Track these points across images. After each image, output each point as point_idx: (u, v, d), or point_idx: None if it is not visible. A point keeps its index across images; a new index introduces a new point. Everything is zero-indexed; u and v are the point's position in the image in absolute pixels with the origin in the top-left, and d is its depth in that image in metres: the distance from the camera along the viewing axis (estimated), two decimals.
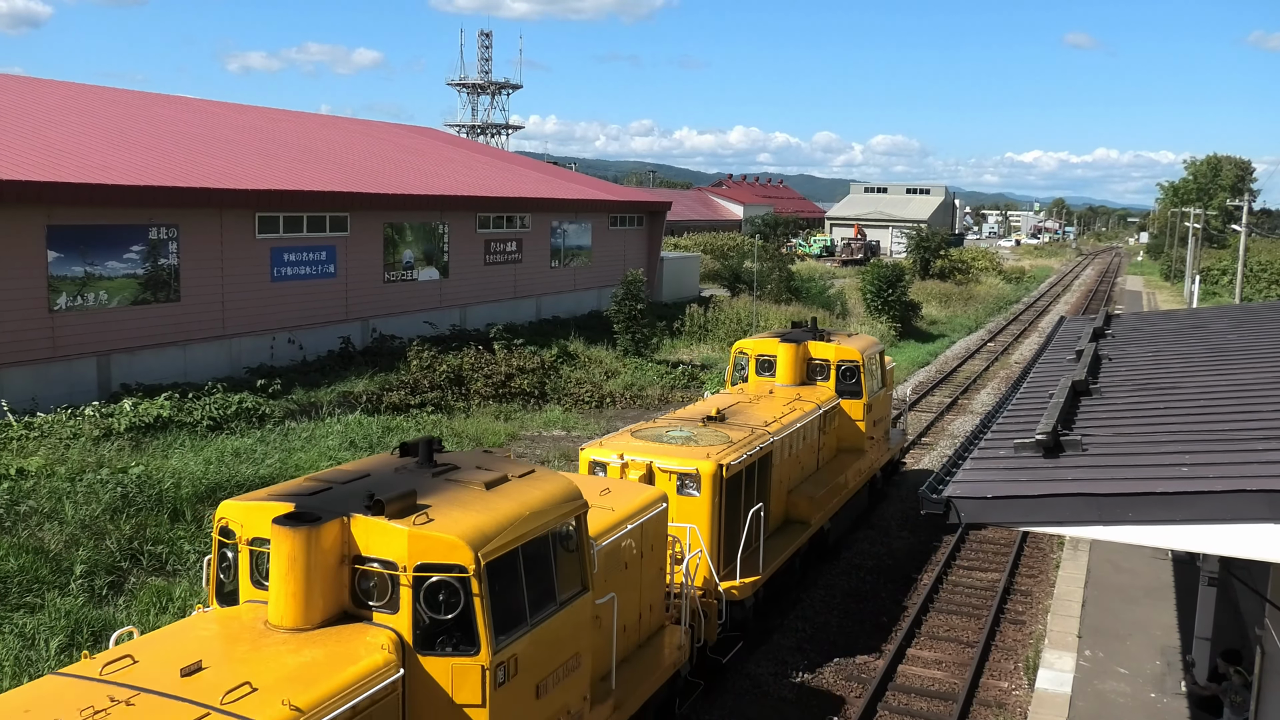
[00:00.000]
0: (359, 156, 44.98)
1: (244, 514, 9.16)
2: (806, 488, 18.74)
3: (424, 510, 8.94)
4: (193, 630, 8.87)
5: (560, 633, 9.85)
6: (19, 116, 33.49)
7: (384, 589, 8.79)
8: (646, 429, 16.42)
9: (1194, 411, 10.25)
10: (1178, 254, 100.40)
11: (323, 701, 7.68)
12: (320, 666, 8.08)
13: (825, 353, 21.43)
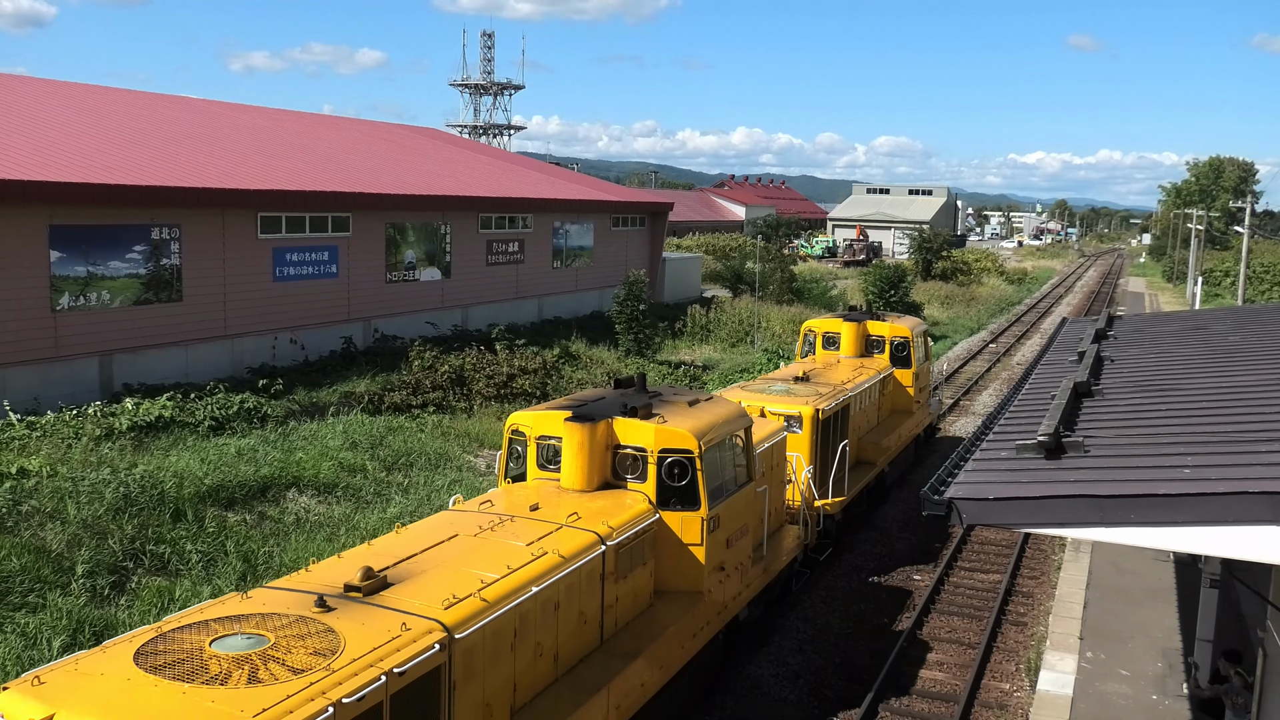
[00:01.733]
0: (361, 157, 45.01)
1: (533, 420, 13.53)
2: (872, 436, 22.64)
3: (659, 415, 13.40)
4: (514, 491, 13.16)
5: (739, 506, 14.32)
6: (22, 116, 33.52)
7: (636, 466, 13.14)
8: (752, 385, 20.67)
9: (1196, 413, 10.24)
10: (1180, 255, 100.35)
11: (623, 525, 12.09)
12: (611, 508, 12.43)
13: (881, 330, 26.05)
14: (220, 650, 7.98)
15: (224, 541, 18.10)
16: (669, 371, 36.87)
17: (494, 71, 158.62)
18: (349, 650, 8.07)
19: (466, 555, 10.46)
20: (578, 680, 10.83)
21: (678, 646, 12.58)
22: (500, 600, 9.67)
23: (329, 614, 8.66)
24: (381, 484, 22.22)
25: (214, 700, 7.34)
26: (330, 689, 7.57)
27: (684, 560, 13.15)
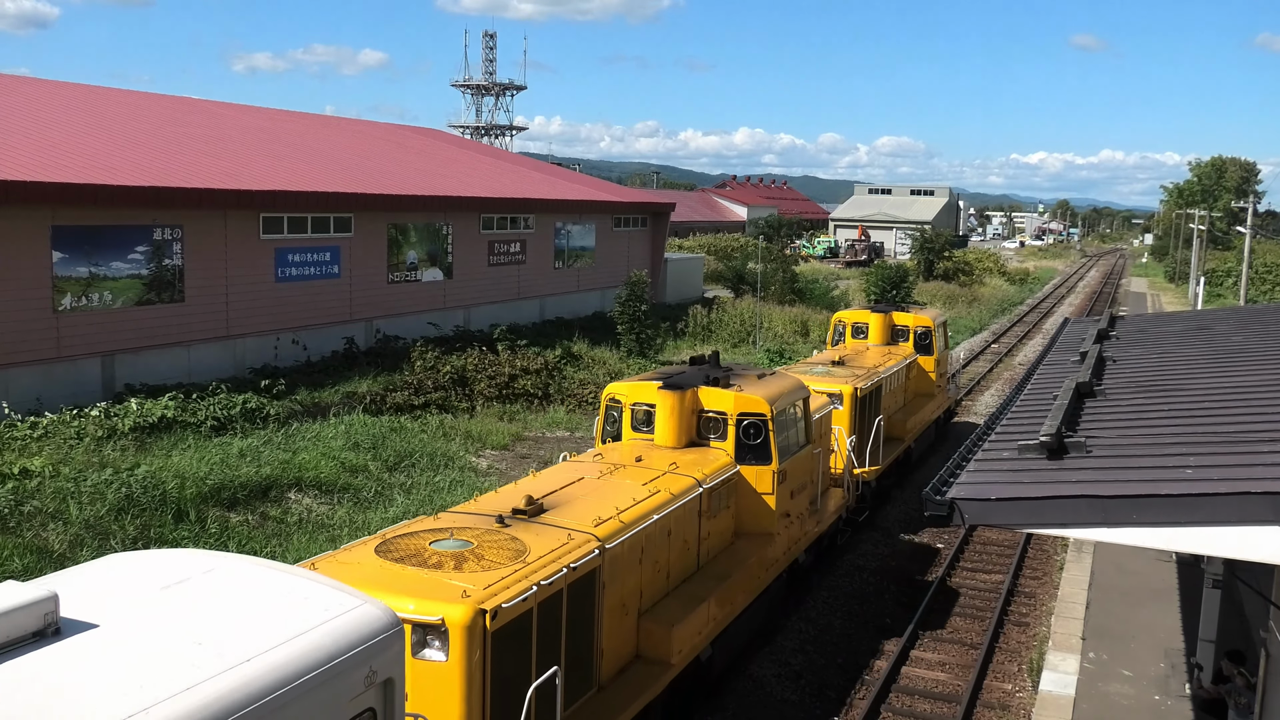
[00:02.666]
0: (363, 157, 45.03)
1: (628, 390, 15.88)
2: (899, 415, 25.11)
3: (736, 385, 15.88)
4: (617, 448, 15.39)
5: (800, 464, 16.87)
6: (24, 117, 33.55)
7: (718, 427, 15.54)
8: (794, 368, 23.09)
9: (1198, 414, 10.24)
10: (1182, 256, 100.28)
11: (712, 474, 14.56)
12: (700, 461, 14.82)
13: (906, 320, 28.57)
14: (439, 549, 10.46)
15: (226, 542, 18.11)
16: None
17: (496, 72, 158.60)
18: (533, 552, 10.58)
19: (597, 492, 12.97)
20: (684, 594, 13.50)
21: (757, 574, 15.30)
22: (632, 524, 12.20)
23: (508, 528, 11.16)
24: (383, 484, 22.23)
25: (451, 579, 9.78)
26: (530, 575, 10.04)
27: (758, 507, 15.83)
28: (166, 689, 5.61)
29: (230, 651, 6.09)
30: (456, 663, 9.22)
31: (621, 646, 12.20)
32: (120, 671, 5.76)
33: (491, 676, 9.48)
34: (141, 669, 5.80)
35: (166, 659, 5.94)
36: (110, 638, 6.11)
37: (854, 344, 27.74)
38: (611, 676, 11.91)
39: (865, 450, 21.48)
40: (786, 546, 16.38)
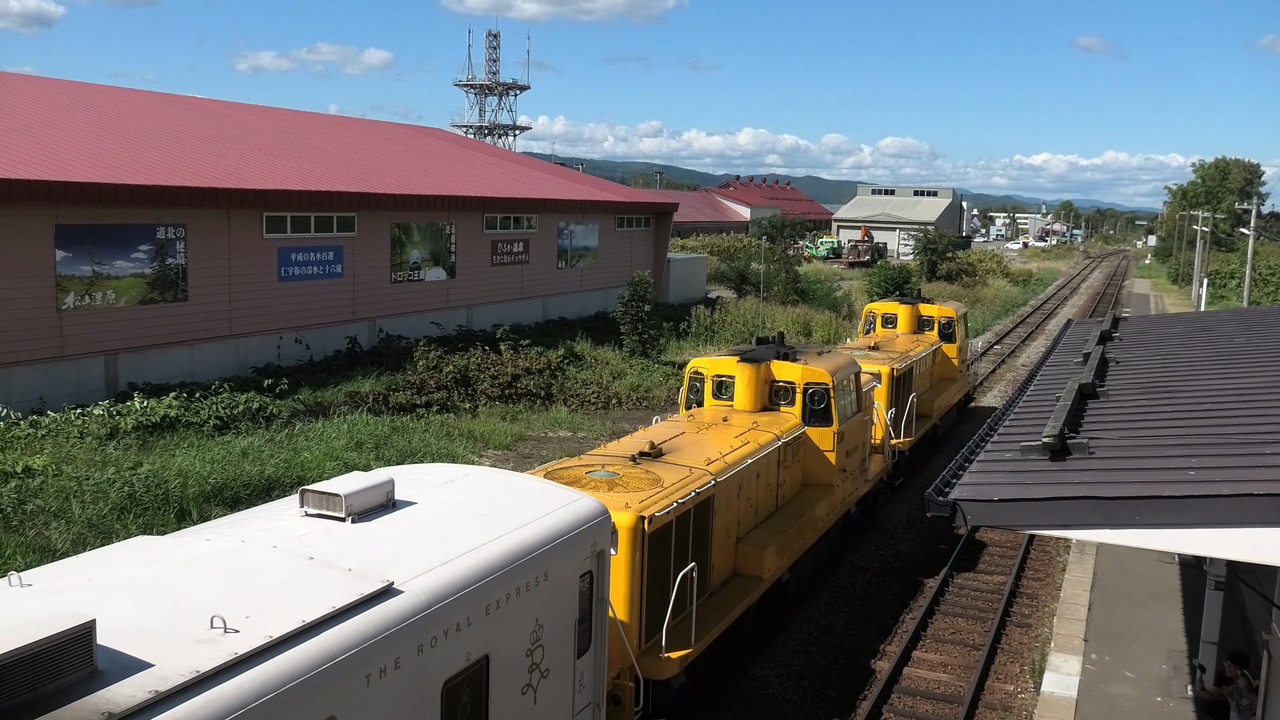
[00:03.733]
0: (366, 157, 45.05)
1: (709, 364, 18.50)
2: (927, 395, 27.74)
3: (802, 359, 18.72)
4: (703, 412, 18.09)
5: (854, 428, 19.67)
6: (28, 116, 33.59)
7: (787, 395, 18.42)
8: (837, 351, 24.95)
9: (1201, 415, 10.23)
10: (1185, 257, 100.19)
11: (786, 432, 17.42)
12: (775, 421, 17.65)
13: (931, 311, 31.42)
14: (594, 477, 13.13)
15: None
16: (673, 372, 36.86)
17: (499, 72, 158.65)
18: (665, 481, 13.47)
19: (699, 442, 15.80)
20: (769, 527, 16.56)
21: (822, 516, 18.25)
22: (734, 464, 15.14)
23: (640, 465, 14.00)
24: None
25: (612, 496, 12.37)
26: (667, 496, 12.98)
27: (821, 462, 18.78)
28: (476, 541, 8.97)
29: (508, 520, 9.54)
30: (624, 555, 12.04)
31: (724, 564, 15.24)
32: (442, 529, 9.09)
33: (647, 568, 12.45)
34: (455, 528, 9.18)
35: (468, 523, 9.33)
36: (426, 510, 9.44)
37: (884, 333, 30.36)
38: (717, 587, 14.85)
39: (900, 423, 24.30)
40: (843, 497, 19.53)
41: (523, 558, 9.14)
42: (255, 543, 8.24)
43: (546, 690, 9.66)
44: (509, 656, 9.04)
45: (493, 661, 8.76)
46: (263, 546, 8.16)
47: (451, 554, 8.59)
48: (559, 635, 9.78)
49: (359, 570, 7.93)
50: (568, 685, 10.07)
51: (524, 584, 9.13)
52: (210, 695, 6.04)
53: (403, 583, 7.91)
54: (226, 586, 7.32)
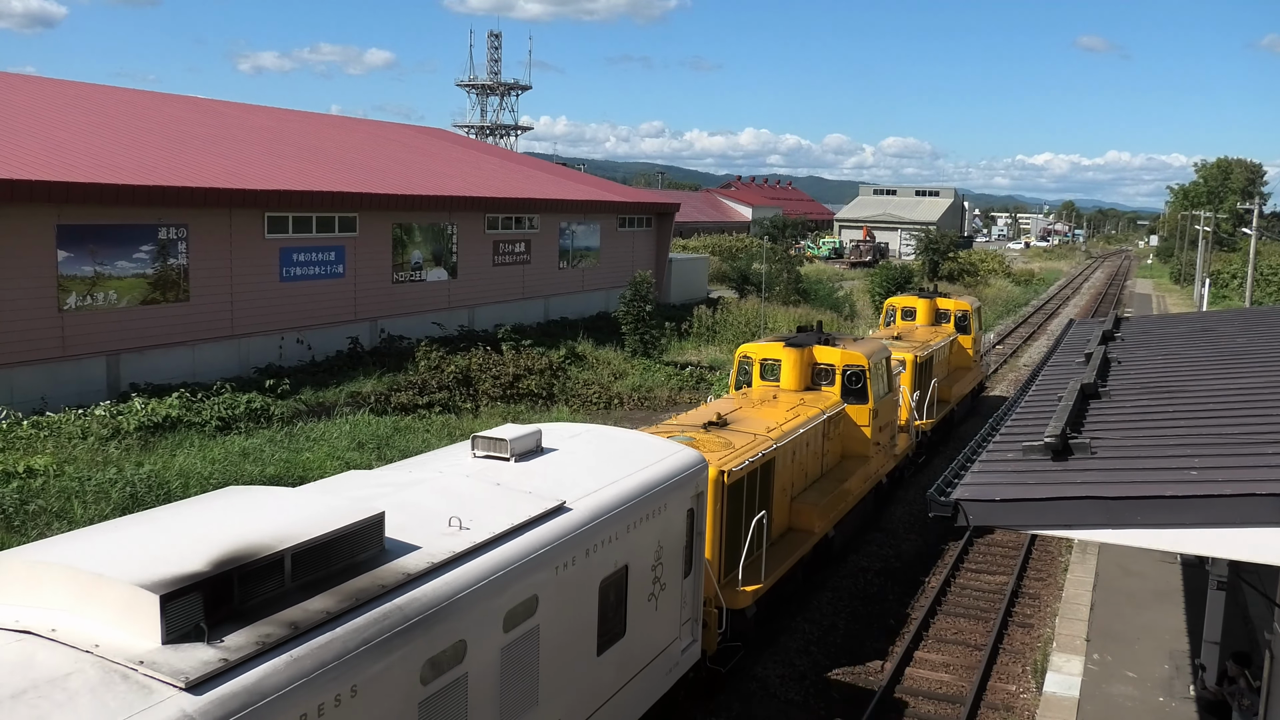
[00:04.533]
0: (368, 157, 45.07)
1: (757, 349, 20.71)
2: (945, 382, 29.66)
3: (840, 344, 20.96)
4: (753, 391, 20.15)
5: (886, 406, 21.96)
6: (30, 116, 33.61)
7: (828, 376, 20.51)
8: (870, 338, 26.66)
9: (1203, 415, 10.22)
10: (1187, 257, 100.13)
11: (829, 407, 19.46)
12: (817, 399, 19.79)
13: (947, 305, 33.51)
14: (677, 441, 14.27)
15: None
16: (675, 372, 36.85)
17: (501, 72, 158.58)
18: (735, 444, 15.74)
19: (757, 414, 18.08)
20: (817, 489, 18.87)
21: (860, 483, 20.54)
22: (789, 432, 17.38)
23: (710, 432, 16.17)
24: None
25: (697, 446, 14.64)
26: (739, 455, 15.30)
27: (858, 435, 21.05)
28: (613, 477, 11.32)
29: (633, 463, 11.92)
30: (708, 503, 13.82)
31: (781, 519, 17.40)
32: (585, 468, 11.36)
33: (726, 515, 14.71)
34: (595, 468, 11.46)
35: (603, 464, 11.64)
36: (567, 455, 11.69)
37: (904, 324, 32.27)
38: (776, 539, 16.87)
39: (923, 406, 26.40)
40: (877, 467, 21.77)
41: (649, 491, 11.63)
42: (450, 474, 10.65)
43: (664, 600, 12.27)
44: (641, 568, 11.58)
45: (630, 570, 11.29)
46: (458, 476, 10.58)
47: (598, 485, 11.02)
48: (672, 557, 12.42)
49: (536, 493, 10.31)
50: (677, 599, 12.73)
51: (650, 512, 11.64)
52: (464, 568, 8.49)
53: (570, 503, 10.33)
54: (445, 501, 9.62)
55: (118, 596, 6.48)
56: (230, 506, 8.14)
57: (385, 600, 7.64)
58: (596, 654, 10.67)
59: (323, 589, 7.45)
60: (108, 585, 6.52)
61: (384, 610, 7.55)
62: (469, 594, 8.38)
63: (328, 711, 6.84)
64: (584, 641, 10.40)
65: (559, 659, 9.85)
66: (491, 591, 8.64)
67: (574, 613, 10.13)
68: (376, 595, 7.62)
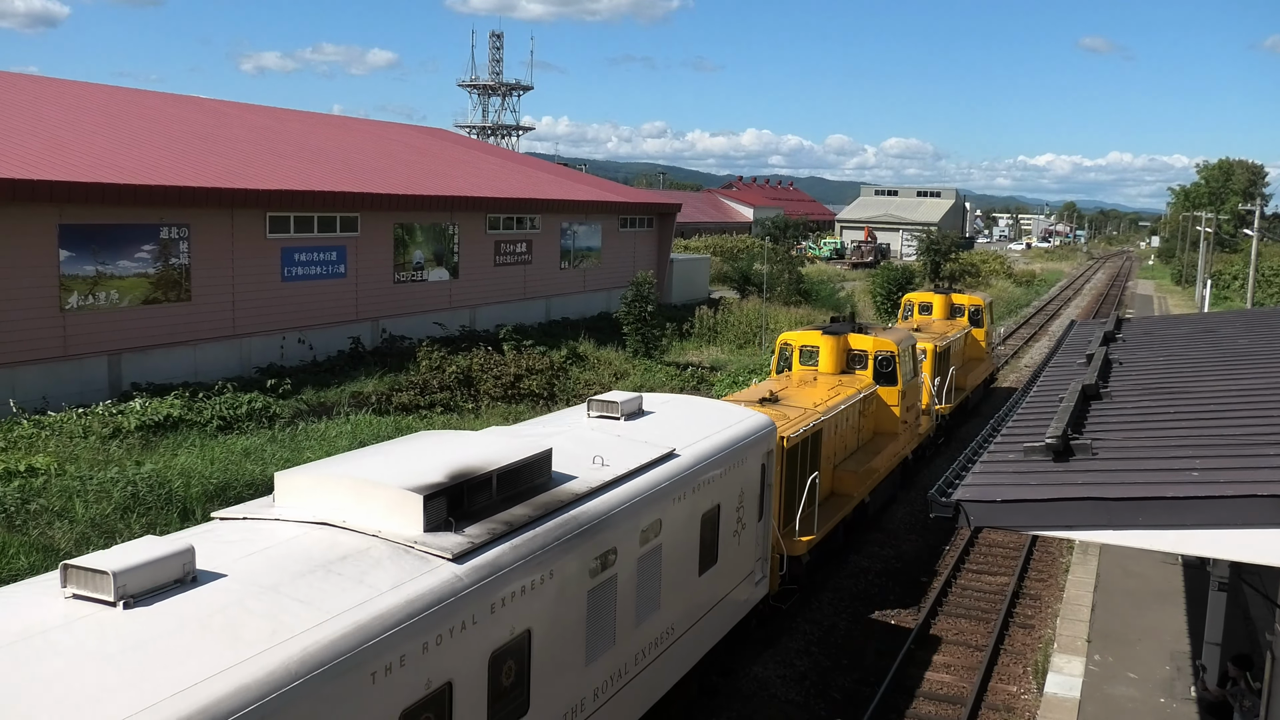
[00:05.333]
0: (369, 157, 45.09)
1: (797, 337, 23.02)
2: (961, 372, 31.64)
3: (872, 333, 23.44)
4: (794, 374, 22.35)
5: (912, 388, 24.29)
6: (32, 116, 33.63)
7: (862, 361, 22.77)
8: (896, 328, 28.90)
9: (1205, 416, 10.22)
10: (1189, 258, 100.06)
11: (863, 388, 21.82)
12: (853, 381, 21.90)
13: (962, 300, 35.98)
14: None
15: None
16: (676, 373, 36.85)
17: (502, 72, 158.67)
18: (789, 416, 17.84)
19: (802, 392, 20.22)
20: (855, 459, 21.25)
21: (890, 456, 22.97)
22: (833, 407, 19.60)
23: (765, 407, 17.71)
24: None
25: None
26: (795, 424, 17.54)
27: (888, 414, 23.53)
28: (705, 433, 13.57)
29: (719, 423, 14.19)
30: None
31: (826, 484, 19.34)
32: (682, 425, 13.62)
33: (785, 475, 16.78)
34: (689, 425, 13.70)
35: (695, 423, 13.91)
36: (663, 416, 13.97)
37: (921, 318, 34.31)
38: (822, 500, 18.81)
39: (942, 392, 28.39)
40: (905, 443, 24.29)
41: (733, 446, 13.97)
42: (577, 428, 12.98)
43: (743, 538, 14.71)
44: (729, 509, 13.96)
45: (721, 509, 13.67)
46: (584, 429, 12.91)
47: (695, 438, 13.34)
48: (750, 503, 14.80)
49: (651, 442, 12.66)
50: (753, 538, 15.17)
51: (734, 463, 13.97)
52: (613, 494, 10.92)
53: (678, 451, 12.70)
54: (583, 446, 11.87)
55: (388, 497, 8.80)
56: (437, 443, 10.59)
57: (563, 512, 10.05)
58: (698, 574, 13.16)
59: (518, 502, 9.85)
60: (380, 489, 8.86)
61: (564, 519, 9.97)
62: (618, 513, 10.84)
63: (536, 587, 9.32)
64: (690, 563, 12.91)
65: (673, 574, 12.34)
66: (632, 513, 11.12)
67: (684, 538, 12.62)
68: (557, 508, 10.02)
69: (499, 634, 8.83)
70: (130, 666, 6.26)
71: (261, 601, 7.24)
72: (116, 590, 6.87)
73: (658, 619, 11.97)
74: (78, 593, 6.99)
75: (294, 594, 7.45)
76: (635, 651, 11.51)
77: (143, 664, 6.31)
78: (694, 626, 13.12)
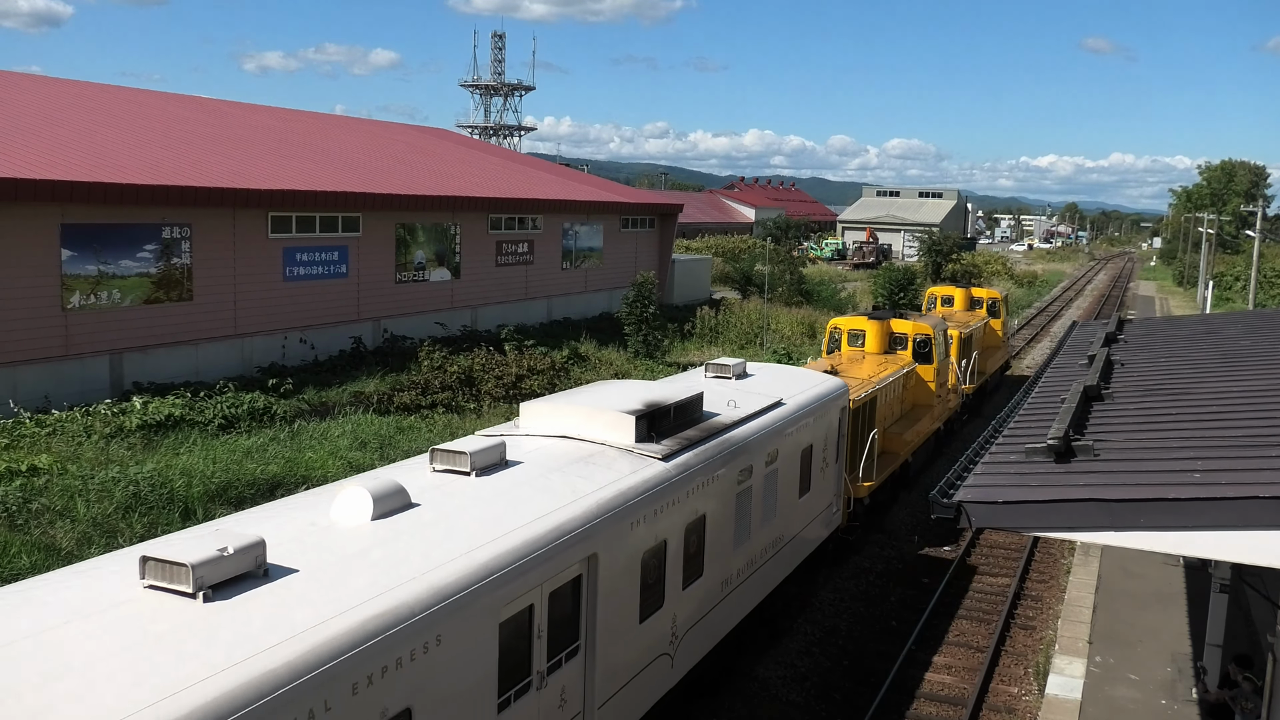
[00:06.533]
0: (371, 157, 45.08)
1: (845, 322, 26.93)
2: (980, 359, 34.30)
3: (911, 319, 27.47)
4: (842, 354, 25.82)
5: (944, 367, 27.90)
6: (34, 115, 33.64)
7: (902, 343, 26.44)
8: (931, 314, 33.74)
9: (1206, 417, 10.21)
10: (1191, 259, 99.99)
11: (904, 365, 25.30)
12: (895, 360, 25.59)
13: (980, 293, 39.63)
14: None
15: None
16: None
17: (504, 73, 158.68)
18: (850, 385, 20.03)
19: (853, 367, 23.62)
20: (899, 424, 24.43)
21: (928, 424, 26.31)
22: (882, 380, 22.73)
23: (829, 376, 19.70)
24: None
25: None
26: (857, 390, 20.59)
27: (924, 389, 27.04)
28: (800, 389, 17.38)
29: (806, 383, 17.92)
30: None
31: (877, 443, 21.56)
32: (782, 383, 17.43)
33: (850, 430, 19.79)
34: (786, 383, 17.50)
35: (790, 381, 17.78)
36: (763, 377, 17.71)
37: (943, 310, 37.43)
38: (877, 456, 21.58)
39: (966, 373, 31.41)
40: (939, 414, 27.63)
41: (819, 400, 17.64)
42: (705, 381, 16.84)
43: (826, 475, 18.37)
44: (818, 449, 17.65)
45: (813, 449, 17.34)
46: (712, 382, 16.74)
47: (794, 392, 17.04)
48: (830, 447, 18.47)
49: (763, 394, 16.26)
50: (833, 476, 18.92)
51: (821, 413, 17.62)
52: (747, 426, 14.52)
53: (784, 400, 16.39)
54: (714, 395, 15.30)
55: (608, 419, 12.42)
56: (623, 387, 14.66)
57: (718, 436, 13.68)
58: (799, 497, 16.83)
59: (688, 427, 13.41)
60: (602, 412, 12.50)
61: (720, 440, 13.61)
62: (751, 440, 14.44)
63: (706, 485, 12.96)
64: (794, 487, 16.56)
65: (784, 494, 16.02)
66: (760, 441, 14.73)
67: (791, 466, 16.26)
68: (714, 433, 13.64)
69: (689, 514, 12.53)
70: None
71: (550, 479, 10.88)
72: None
73: (773, 526, 15.73)
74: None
75: (572, 473, 11.13)
76: (760, 547, 15.23)
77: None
78: (794, 539, 16.87)
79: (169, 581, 7.15)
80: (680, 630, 12.62)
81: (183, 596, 7.09)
